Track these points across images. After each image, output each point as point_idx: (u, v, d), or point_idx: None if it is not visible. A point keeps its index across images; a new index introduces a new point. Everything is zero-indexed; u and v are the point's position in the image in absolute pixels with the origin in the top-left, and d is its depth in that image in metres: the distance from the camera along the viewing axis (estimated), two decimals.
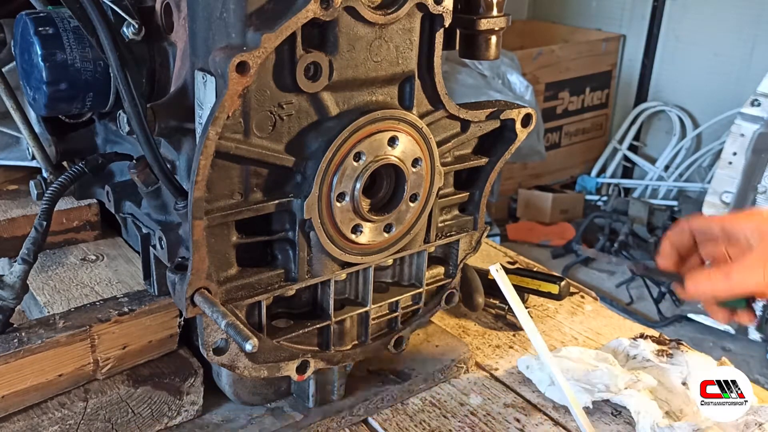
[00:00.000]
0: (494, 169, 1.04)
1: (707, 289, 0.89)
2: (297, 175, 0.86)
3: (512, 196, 4.63)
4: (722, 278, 0.86)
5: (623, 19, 4.99)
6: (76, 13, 0.84)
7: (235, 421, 0.99)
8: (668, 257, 0.96)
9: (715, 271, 0.89)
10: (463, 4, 0.94)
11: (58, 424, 0.89)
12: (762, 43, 4.28)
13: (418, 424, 1.03)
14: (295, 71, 0.80)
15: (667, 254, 0.96)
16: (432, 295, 1.08)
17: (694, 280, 0.90)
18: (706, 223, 0.94)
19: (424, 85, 0.93)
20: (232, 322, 0.78)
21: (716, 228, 0.92)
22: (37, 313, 1.05)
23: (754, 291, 0.86)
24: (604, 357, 1.11)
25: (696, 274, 0.90)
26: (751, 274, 0.84)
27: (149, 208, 0.97)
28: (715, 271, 0.88)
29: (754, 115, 3.38)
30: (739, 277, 0.85)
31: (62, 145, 1.16)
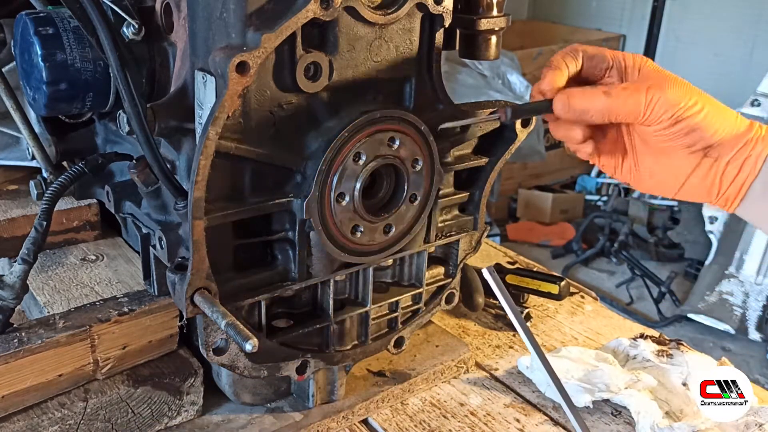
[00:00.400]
0: (494, 169, 1.04)
1: (581, 105, 0.81)
2: (297, 175, 0.86)
3: (512, 196, 4.63)
4: (601, 95, 0.80)
5: (623, 19, 5.00)
6: (76, 13, 0.84)
7: (235, 421, 0.99)
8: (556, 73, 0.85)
9: (596, 88, 0.81)
10: (463, 4, 0.94)
11: (58, 424, 0.89)
12: (762, 43, 4.28)
13: (418, 424, 1.03)
14: (295, 71, 0.80)
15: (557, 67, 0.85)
16: (432, 295, 1.08)
17: (569, 94, 0.82)
18: (600, 51, 0.86)
19: (424, 85, 0.93)
20: (232, 322, 0.78)
21: (608, 55, 0.85)
22: (37, 313, 1.05)
23: (627, 116, 0.81)
24: (604, 357, 1.11)
25: (572, 90, 0.82)
26: (632, 98, 0.79)
27: (149, 208, 0.97)
28: (595, 89, 0.81)
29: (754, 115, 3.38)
30: (620, 99, 0.79)
31: (62, 145, 1.15)
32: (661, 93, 0.79)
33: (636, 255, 4.05)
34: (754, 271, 3.38)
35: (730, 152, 0.81)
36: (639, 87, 0.80)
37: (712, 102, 0.81)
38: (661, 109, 0.79)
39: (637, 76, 0.83)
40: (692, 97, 0.79)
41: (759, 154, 0.80)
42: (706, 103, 0.80)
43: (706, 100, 0.81)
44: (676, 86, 0.80)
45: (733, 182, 0.82)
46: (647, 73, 0.82)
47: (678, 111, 0.79)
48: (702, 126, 0.80)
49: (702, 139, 0.81)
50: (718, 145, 0.81)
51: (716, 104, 0.81)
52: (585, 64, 0.85)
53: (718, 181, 0.83)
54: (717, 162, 0.82)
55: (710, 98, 0.81)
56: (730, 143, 0.80)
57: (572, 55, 0.86)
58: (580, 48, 0.86)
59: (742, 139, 0.80)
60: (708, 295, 3.46)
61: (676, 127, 0.80)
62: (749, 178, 0.81)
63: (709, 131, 0.80)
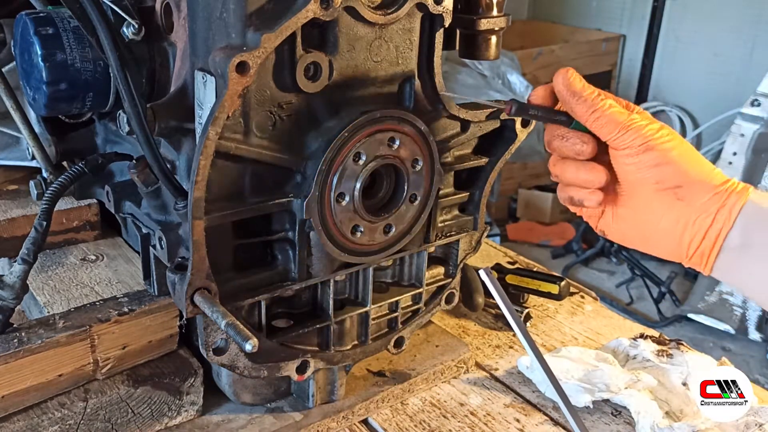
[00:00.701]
0: (494, 169, 1.04)
1: (576, 86, 0.79)
2: (297, 175, 0.86)
3: (512, 196, 4.63)
4: (596, 92, 0.79)
5: (623, 19, 4.99)
6: (76, 13, 0.84)
7: (235, 421, 0.99)
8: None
9: (595, 89, 0.79)
10: (463, 4, 0.94)
11: (58, 424, 0.89)
12: (762, 43, 4.28)
13: (418, 424, 1.03)
14: (295, 71, 0.80)
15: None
16: (432, 295, 1.08)
17: (573, 72, 0.80)
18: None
19: (424, 85, 0.93)
20: (232, 322, 0.78)
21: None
22: (37, 313, 1.05)
23: (605, 125, 0.78)
24: (604, 357, 1.11)
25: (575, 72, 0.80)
26: (616, 110, 0.78)
27: (149, 208, 0.97)
28: (595, 89, 0.79)
29: (754, 115, 3.39)
30: (606, 103, 0.78)
31: (62, 145, 1.16)
32: (640, 122, 0.78)
33: (636, 255, 4.05)
34: None
35: (702, 198, 0.77)
36: (628, 109, 0.79)
37: (690, 149, 0.78)
38: (635, 132, 0.77)
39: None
40: (671, 134, 0.77)
41: (733, 204, 0.76)
42: (683, 145, 0.78)
43: (685, 145, 0.78)
44: (662, 127, 0.78)
45: (707, 233, 0.77)
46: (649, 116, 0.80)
47: (649, 139, 0.76)
48: (672, 161, 0.77)
49: (671, 176, 0.77)
50: (688, 186, 0.77)
51: (694, 152, 0.78)
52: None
53: (690, 230, 0.78)
54: (688, 207, 0.78)
55: (690, 147, 0.79)
56: (702, 188, 0.77)
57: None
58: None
59: (716, 188, 0.77)
60: (708, 295, 3.45)
61: (645, 155, 0.77)
62: (724, 229, 0.76)
63: (679, 168, 0.77)
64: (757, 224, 0.75)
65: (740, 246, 0.76)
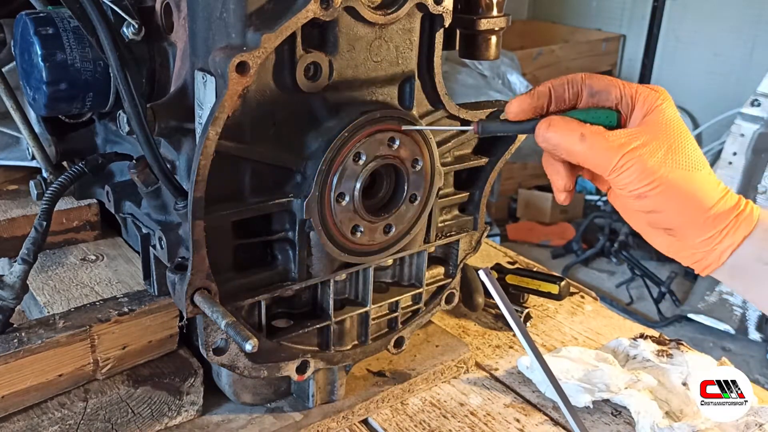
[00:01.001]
0: (494, 169, 1.04)
1: (556, 140, 0.74)
2: (297, 175, 0.86)
3: (512, 196, 4.63)
4: (576, 138, 0.73)
5: (623, 19, 4.99)
6: (76, 13, 0.84)
7: (235, 421, 0.99)
8: (538, 98, 0.77)
9: (576, 128, 0.73)
10: (463, 4, 0.94)
11: (58, 424, 0.89)
12: (762, 43, 4.28)
13: (418, 424, 1.03)
14: (295, 71, 0.80)
15: (540, 95, 0.77)
16: (432, 295, 1.08)
17: (551, 122, 0.75)
18: (607, 86, 0.76)
19: (424, 85, 0.93)
20: (232, 322, 0.78)
21: (614, 94, 0.76)
22: (37, 313, 1.05)
23: (595, 168, 0.74)
24: (604, 357, 1.11)
25: (554, 118, 0.75)
26: (604, 154, 0.72)
27: (149, 208, 0.97)
28: (575, 128, 0.73)
29: (754, 115, 3.39)
30: (592, 150, 0.72)
31: (62, 145, 1.15)
32: (637, 162, 0.71)
33: (636, 255, 4.05)
34: None
35: (695, 239, 0.75)
36: (618, 145, 0.72)
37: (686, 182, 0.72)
38: (627, 179, 0.72)
39: (639, 123, 0.75)
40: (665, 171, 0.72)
41: (724, 249, 0.74)
42: (678, 184, 0.72)
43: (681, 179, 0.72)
44: (663, 154, 0.72)
45: (695, 263, 0.76)
46: (648, 125, 0.74)
47: (641, 189, 0.72)
48: (663, 208, 0.73)
49: (663, 221, 0.75)
50: (680, 229, 0.75)
51: (691, 184, 0.72)
52: (586, 99, 0.78)
53: (680, 256, 0.77)
54: (681, 242, 0.76)
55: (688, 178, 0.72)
56: (695, 233, 0.74)
57: (569, 85, 0.78)
58: (587, 80, 0.77)
59: (711, 229, 0.74)
60: (708, 295, 3.45)
61: (637, 202, 0.74)
62: (712, 266, 0.76)
63: (671, 215, 0.74)
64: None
65: (730, 279, 0.76)
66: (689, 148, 0.73)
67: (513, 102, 0.78)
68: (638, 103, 0.75)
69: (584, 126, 0.74)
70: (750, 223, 0.74)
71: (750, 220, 0.74)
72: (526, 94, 0.78)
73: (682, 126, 0.74)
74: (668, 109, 0.74)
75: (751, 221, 0.74)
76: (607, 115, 0.76)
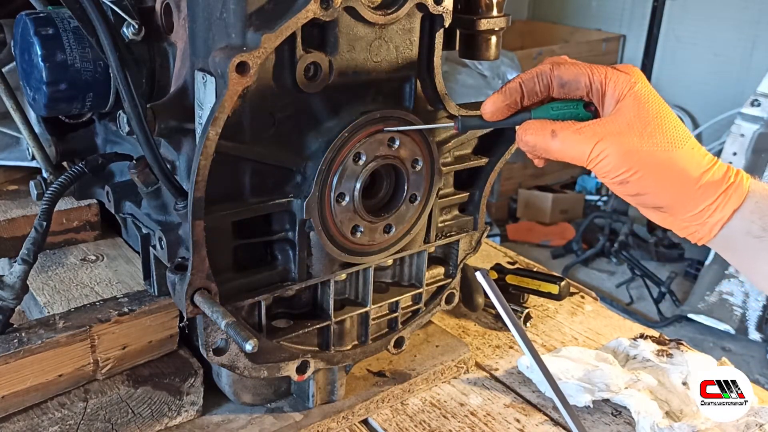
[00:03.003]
0: (494, 169, 1.04)
1: (532, 141, 0.76)
2: (297, 175, 0.86)
3: (512, 196, 4.63)
4: (548, 136, 0.75)
5: (623, 19, 5.00)
6: (76, 13, 0.84)
7: (235, 421, 0.99)
8: (510, 95, 0.78)
9: (546, 127, 0.75)
10: (463, 4, 0.94)
11: (58, 424, 0.89)
12: (762, 43, 4.28)
13: (418, 424, 1.03)
14: (295, 71, 0.80)
15: (511, 92, 0.78)
16: (432, 295, 1.08)
17: (526, 127, 0.77)
18: (576, 76, 0.76)
19: (424, 85, 0.93)
20: (232, 322, 0.78)
21: (584, 82, 0.76)
22: (37, 313, 1.05)
23: (572, 161, 0.76)
24: (604, 357, 1.11)
25: (529, 123, 0.77)
26: (577, 147, 0.73)
27: (149, 208, 0.97)
28: (546, 127, 0.75)
29: (754, 115, 3.39)
30: (565, 144, 0.74)
31: (62, 145, 1.15)
32: (612, 149, 0.72)
33: (636, 255, 4.05)
34: None
35: (685, 214, 0.75)
36: (589, 136, 0.73)
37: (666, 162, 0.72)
38: (605, 167, 0.73)
39: (612, 108, 0.74)
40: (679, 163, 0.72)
41: (715, 223, 0.74)
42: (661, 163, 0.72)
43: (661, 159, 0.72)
44: (638, 138, 0.72)
45: (689, 236, 0.78)
46: (621, 111, 0.73)
47: (621, 175, 0.73)
48: (649, 192, 0.74)
49: (650, 201, 0.76)
50: (669, 208, 0.76)
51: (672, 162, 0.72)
52: (557, 89, 0.78)
53: (674, 228, 0.78)
54: (672, 217, 0.77)
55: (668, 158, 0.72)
56: (684, 208, 0.75)
57: (538, 78, 0.78)
58: (555, 71, 0.77)
59: (700, 204, 0.74)
60: (708, 295, 3.45)
61: (620, 187, 0.75)
62: (705, 239, 0.77)
63: (657, 195, 0.74)
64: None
65: (723, 249, 0.77)
66: (666, 127, 0.73)
67: (487, 102, 0.80)
68: (608, 89, 0.75)
69: (555, 123, 0.76)
70: (740, 195, 0.74)
71: (740, 191, 0.74)
72: (499, 92, 0.79)
73: (657, 105, 0.74)
74: (641, 91, 0.74)
75: (742, 193, 0.74)
76: (576, 106, 0.77)
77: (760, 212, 0.73)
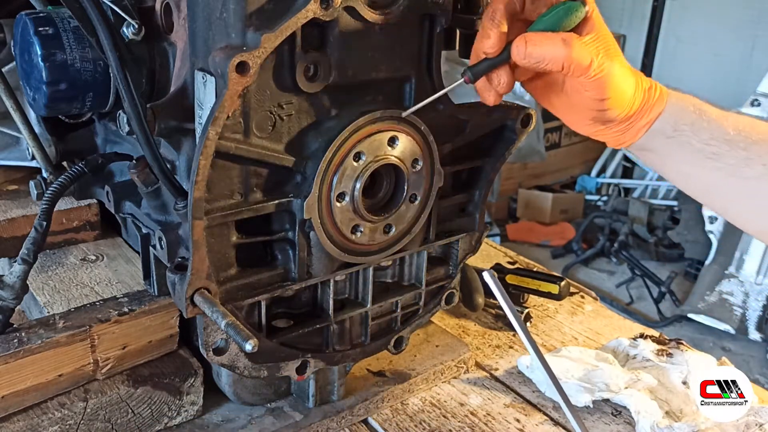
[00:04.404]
0: (494, 169, 1.04)
1: (539, 53, 0.79)
2: (297, 175, 0.86)
3: (512, 196, 4.63)
4: (560, 44, 0.78)
5: (623, 19, 5.00)
6: (76, 13, 0.84)
7: (235, 421, 0.99)
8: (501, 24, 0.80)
9: (554, 35, 0.78)
10: (463, 4, 0.94)
11: (58, 424, 0.89)
12: (762, 43, 4.28)
13: (418, 424, 1.03)
14: (295, 71, 0.80)
15: (501, 20, 0.80)
16: (432, 295, 1.08)
17: (528, 39, 0.79)
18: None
19: (424, 85, 0.93)
20: (232, 322, 0.78)
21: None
22: (37, 313, 1.05)
23: (575, 70, 0.79)
24: (604, 357, 1.11)
25: (530, 35, 0.79)
26: (587, 56, 0.79)
27: (149, 208, 0.97)
28: (554, 36, 0.78)
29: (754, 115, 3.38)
30: (575, 50, 0.78)
31: (62, 145, 1.15)
32: (609, 68, 0.80)
33: (636, 255, 4.06)
34: (754, 271, 3.38)
35: (624, 122, 0.85)
36: (592, 49, 0.80)
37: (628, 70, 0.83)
38: (600, 84, 0.80)
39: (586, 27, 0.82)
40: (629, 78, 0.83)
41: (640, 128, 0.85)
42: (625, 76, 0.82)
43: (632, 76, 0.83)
44: (617, 63, 0.81)
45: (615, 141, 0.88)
46: (597, 27, 0.82)
47: (607, 92, 0.81)
48: (611, 107, 0.83)
49: (605, 118, 0.84)
50: (612, 121, 0.85)
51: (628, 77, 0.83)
52: (527, 7, 0.82)
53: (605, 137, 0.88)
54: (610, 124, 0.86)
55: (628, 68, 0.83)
56: (625, 113, 0.84)
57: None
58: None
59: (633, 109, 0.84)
60: (708, 295, 3.46)
61: (595, 101, 0.82)
62: (628, 143, 0.87)
63: (614, 113, 0.83)
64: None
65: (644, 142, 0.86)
66: (617, 46, 0.84)
67: (484, 40, 0.81)
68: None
69: (560, 34, 0.79)
70: (662, 101, 0.85)
71: (662, 98, 0.85)
72: (490, 26, 0.81)
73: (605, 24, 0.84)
74: (597, 9, 0.84)
75: (662, 99, 0.85)
76: (565, 5, 0.80)
77: (674, 115, 0.84)
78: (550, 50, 0.78)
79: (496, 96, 0.84)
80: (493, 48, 0.81)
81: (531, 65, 0.80)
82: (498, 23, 0.80)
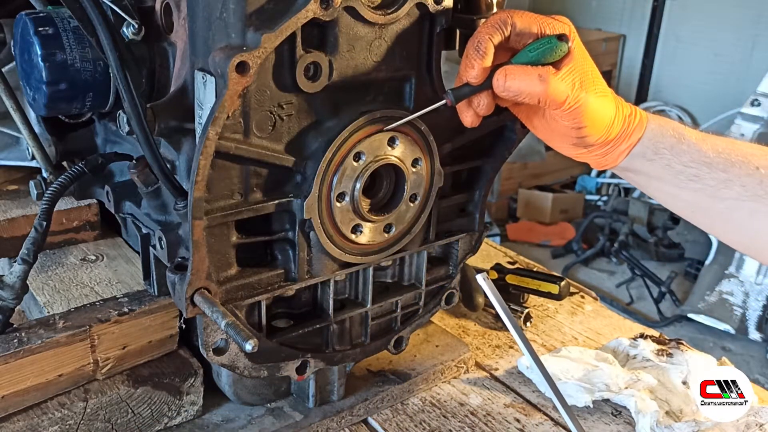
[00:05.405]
0: (494, 169, 1.04)
1: (517, 87, 0.81)
2: (297, 175, 0.86)
3: (512, 196, 4.63)
4: (536, 80, 0.80)
5: (623, 19, 5.00)
6: (76, 13, 0.84)
7: (235, 421, 1.00)
8: (484, 61, 0.82)
9: (531, 71, 0.81)
10: (463, 4, 0.94)
11: (58, 424, 0.89)
12: (762, 43, 4.28)
13: (418, 424, 1.03)
14: (295, 71, 0.80)
15: (484, 54, 0.82)
16: (432, 295, 1.08)
17: (508, 72, 0.82)
18: (528, 25, 0.83)
19: (424, 85, 0.93)
20: (232, 322, 0.78)
21: (535, 31, 0.83)
22: (37, 313, 1.05)
23: (551, 105, 0.82)
24: (604, 357, 1.11)
25: (510, 68, 0.82)
26: (562, 93, 0.81)
27: (149, 208, 0.97)
28: (531, 72, 0.81)
29: (754, 115, 3.39)
30: (551, 86, 0.80)
31: (62, 145, 1.15)
32: (584, 100, 0.82)
33: (636, 255, 4.06)
34: (754, 271, 3.38)
35: (604, 146, 0.88)
36: (569, 83, 0.82)
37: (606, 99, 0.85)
38: (575, 115, 0.83)
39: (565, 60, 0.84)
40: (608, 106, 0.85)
41: (621, 152, 0.87)
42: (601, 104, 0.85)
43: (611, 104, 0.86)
44: (591, 94, 0.83)
45: (597, 164, 0.91)
46: (577, 59, 0.83)
47: (583, 122, 0.84)
48: (589, 134, 0.85)
49: (585, 143, 0.87)
50: (592, 146, 0.88)
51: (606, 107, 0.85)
52: (512, 38, 0.84)
53: (588, 159, 0.90)
54: (591, 148, 0.88)
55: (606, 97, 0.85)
56: (605, 139, 0.87)
57: (500, 30, 0.83)
58: (509, 20, 0.83)
59: (613, 134, 0.86)
60: (708, 295, 3.46)
61: (573, 129, 0.85)
62: (609, 166, 0.90)
63: (593, 139, 0.86)
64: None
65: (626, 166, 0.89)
66: (597, 73, 0.86)
67: (468, 70, 0.83)
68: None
69: (537, 68, 0.82)
70: (641, 126, 0.87)
71: (641, 123, 0.87)
72: (474, 56, 0.82)
73: (587, 52, 0.86)
74: (578, 39, 0.85)
75: (642, 124, 0.87)
76: (550, 41, 0.82)
77: (654, 140, 0.87)
78: (527, 85, 0.81)
79: (474, 117, 0.87)
80: (476, 79, 0.83)
81: (510, 98, 0.83)
82: (482, 54, 0.82)
